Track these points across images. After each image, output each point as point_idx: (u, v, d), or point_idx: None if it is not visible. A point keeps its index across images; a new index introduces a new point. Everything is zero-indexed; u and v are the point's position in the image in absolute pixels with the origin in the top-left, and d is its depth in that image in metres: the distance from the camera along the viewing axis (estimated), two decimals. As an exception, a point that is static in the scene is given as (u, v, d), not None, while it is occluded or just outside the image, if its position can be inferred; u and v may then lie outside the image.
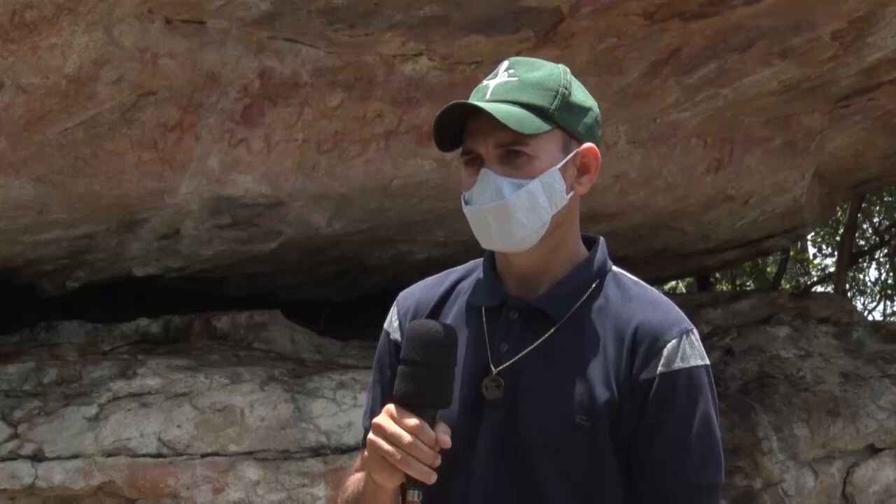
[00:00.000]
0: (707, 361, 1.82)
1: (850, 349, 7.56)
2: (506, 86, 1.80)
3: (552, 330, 1.82)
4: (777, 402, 6.89)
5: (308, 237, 5.61)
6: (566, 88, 1.83)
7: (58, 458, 4.65)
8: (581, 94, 1.86)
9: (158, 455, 4.74)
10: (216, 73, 4.44)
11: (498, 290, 1.88)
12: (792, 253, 12.80)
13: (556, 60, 1.94)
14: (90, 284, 5.72)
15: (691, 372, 1.79)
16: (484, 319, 1.87)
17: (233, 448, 4.85)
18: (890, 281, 14.82)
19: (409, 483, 1.72)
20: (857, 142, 7.12)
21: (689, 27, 5.04)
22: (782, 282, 13.18)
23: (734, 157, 6.58)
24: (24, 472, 4.60)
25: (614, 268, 1.91)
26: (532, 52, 4.73)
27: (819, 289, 13.93)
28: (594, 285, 1.86)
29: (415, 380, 1.74)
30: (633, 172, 6.17)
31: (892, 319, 14.66)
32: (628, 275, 1.92)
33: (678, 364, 1.78)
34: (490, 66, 5.37)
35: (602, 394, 1.77)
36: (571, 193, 1.84)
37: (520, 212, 1.78)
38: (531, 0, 4.52)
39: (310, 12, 4.32)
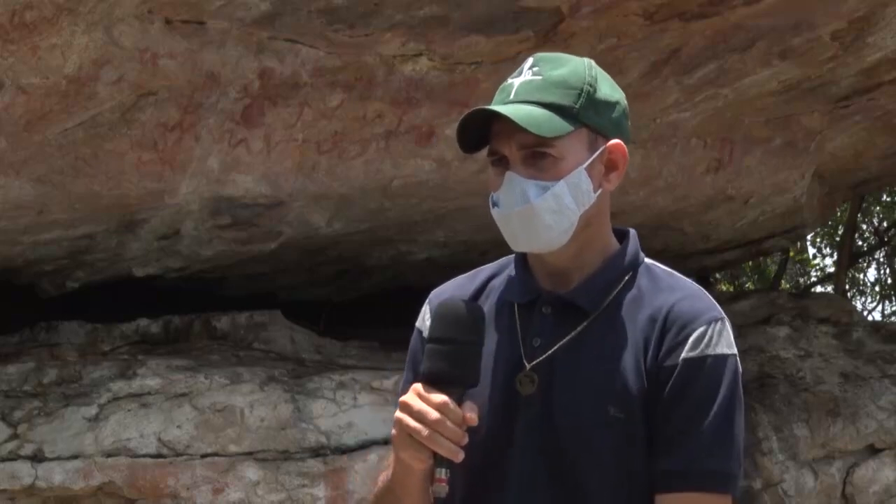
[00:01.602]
0: (735, 351, 1.81)
1: (849, 349, 7.55)
2: (529, 85, 1.79)
3: (585, 323, 1.81)
4: (777, 403, 6.89)
5: (308, 237, 5.61)
6: (591, 85, 1.81)
7: (58, 458, 4.65)
8: (607, 89, 1.84)
9: (158, 455, 4.74)
10: (216, 74, 4.44)
11: (530, 285, 1.86)
12: (792, 253, 12.79)
13: (556, 60, 1.93)
14: (90, 285, 5.72)
15: (716, 359, 1.78)
16: (517, 315, 1.85)
17: (233, 448, 4.85)
18: (889, 281, 14.81)
19: (437, 461, 1.70)
20: (857, 142, 7.12)
21: (688, 27, 5.04)
22: (782, 282, 13.17)
23: (734, 158, 6.58)
24: (24, 472, 4.60)
25: (647, 259, 1.90)
26: (532, 52, 4.70)
27: (819, 289, 13.92)
28: (627, 277, 1.85)
29: (441, 357, 1.73)
30: (633, 172, 6.16)
31: (891, 319, 14.66)
32: (661, 266, 1.91)
33: (703, 351, 1.77)
34: (490, 67, 5.39)
35: (634, 383, 1.76)
36: (600, 191, 1.83)
37: (546, 214, 1.77)
38: (531, 0, 4.52)
39: (310, 12, 4.32)
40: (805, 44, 5.46)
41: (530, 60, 1.83)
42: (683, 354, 1.76)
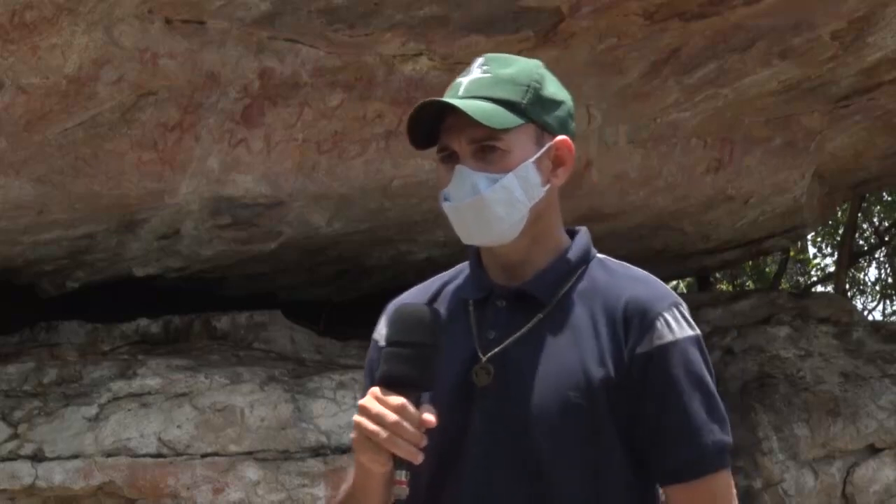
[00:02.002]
0: (698, 331, 1.85)
1: (850, 349, 7.56)
2: (479, 82, 1.83)
3: (540, 314, 1.84)
4: (777, 402, 6.89)
5: (308, 237, 5.61)
6: (538, 83, 1.85)
7: (58, 458, 4.65)
8: (553, 88, 1.89)
9: (158, 455, 4.74)
10: (216, 74, 4.44)
11: (484, 282, 1.90)
12: (792, 253, 12.80)
13: (557, 60, 1.95)
14: (90, 284, 5.72)
15: (687, 342, 1.81)
16: (471, 311, 1.88)
17: (233, 448, 4.85)
18: (890, 281, 14.81)
19: (396, 463, 1.72)
20: (856, 142, 7.12)
21: (688, 27, 5.04)
22: (782, 282, 13.18)
23: (734, 157, 6.58)
24: (24, 472, 4.60)
25: (599, 255, 1.94)
26: (532, 52, 4.72)
27: (819, 289, 13.93)
28: (580, 271, 1.89)
29: (398, 360, 1.74)
30: (633, 172, 6.16)
31: (892, 319, 14.66)
32: (613, 259, 1.94)
33: (672, 336, 1.80)
34: (490, 67, 5.31)
35: (596, 371, 1.79)
36: (548, 186, 1.87)
37: (496, 206, 1.80)
38: (531, 0, 4.52)
39: (310, 12, 4.32)
40: (805, 44, 5.46)
41: (480, 60, 1.87)
42: (656, 341, 1.80)
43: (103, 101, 4.25)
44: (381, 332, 1.96)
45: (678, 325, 1.82)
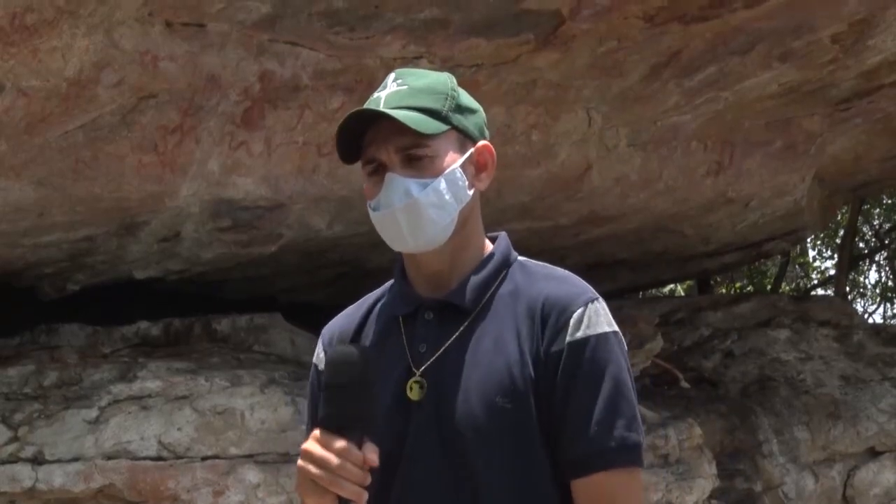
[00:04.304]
0: (615, 328, 1.86)
1: (850, 352, 7.56)
2: (397, 94, 1.87)
3: (467, 322, 1.87)
4: (777, 405, 6.89)
5: (308, 240, 5.61)
6: (454, 91, 1.90)
7: (58, 460, 4.64)
8: (467, 98, 1.93)
9: (159, 458, 4.74)
10: (216, 76, 4.44)
11: (411, 296, 1.93)
12: (792, 256, 12.80)
13: (557, 63, 1.96)
14: (90, 287, 5.72)
15: (598, 338, 1.83)
16: (402, 327, 1.91)
17: (233, 451, 4.85)
18: (890, 283, 14.81)
19: (341, 503, 1.73)
20: (857, 145, 7.13)
21: (689, 30, 5.04)
22: (782, 285, 13.18)
23: (734, 160, 6.59)
24: (25, 474, 4.59)
25: (520, 258, 1.97)
26: (532, 55, 4.72)
27: (819, 292, 13.93)
28: (502, 275, 1.92)
29: (336, 402, 1.76)
30: (634, 175, 6.17)
31: (892, 322, 14.66)
32: (533, 261, 1.98)
33: (584, 332, 1.83)
34: (490, 69, 5.36)
35: (520, 373, 1.82)
36: (473, 190, 1.90)
37: (430, 209, 1.84)
38: (531, 3, 4.52)
39: (310, 15, 4.32)
40: (805, 47, 5.46)
41: (393, 75, 1.92)
42: (567, 338, 1.82)
43: (104, 104, 4.25)
44: (319, 356, 2.01)
45: (591, 322, 1.84)
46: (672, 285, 13.27)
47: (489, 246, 1.96)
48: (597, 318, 1.84)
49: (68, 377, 5.03)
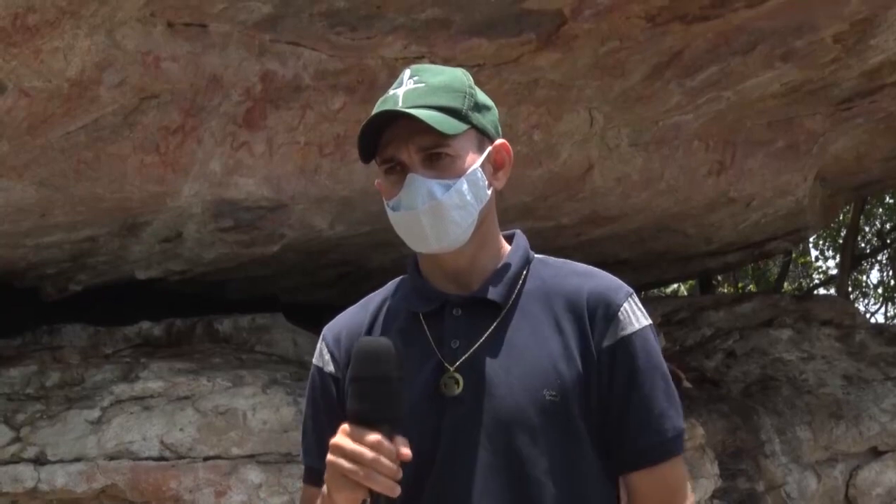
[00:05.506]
0: (650, 319, 1.91)
1: (852, 352, 7.56)
2: (415, 92, 1.84)
3: (500, 317, 1.87)
4: (780, 405, 6.89)
5: (310, 240, 5.61)
6: (472, 89, 1.89)
7: (60, 461, 4.65)
8: (483, 96, 1.92)
9: (161, 458, 4.74)
10: (218, 76, 4.44)
11: (432, 294, 1.92)
12: (794, 255, 12.80)
13: (559, 63, 1.96)
14: (92, 287, 5.72)
15: (645, 331, 1.88)
16: (425, 325, 1.90)
17: (235, 451, 4.85)
18: (892, 283, 14.81)
19: (374, 498, 1.72)
20: (859, 144, 7.12)
21: (690, 30, 5.04)
22: (784, 284, 13.18)
23: (736, 160, 6.58)
24: (27, 475, 4.60)
25: (537, 255, 1.97)
26: (534, 55, 4.72)
27: (821, 291, 13.93)
28: (525, 272, 1.92)
29: (367, 396, 1.74)
30: (636, 175, 6.17)
31: (894, 322, 14.65)
32: (551, 257, 1.98)
33: (633, 327, 1.86)
34: (492, 69, 5.35)
35: (567, 367, 1.83)
36: (491, 189, 1.90)
37: (453, 210, 1.83)
38: (533, 3, 4.52)
39: (311, 15, 4.32)
40: (807, 46, 5.46)
41: (408, 71, 1.89)
42: (620, 333, 1.84)
43: (105, 105, 4.26)
44: (323, 358, 1.98)
45: (637, 317, 1.87)
46: (674, 285, 13.27)
47: (506, 244, 1.96)
48: (640, 311, 1.88)
49: (70, 377, 5.03)
